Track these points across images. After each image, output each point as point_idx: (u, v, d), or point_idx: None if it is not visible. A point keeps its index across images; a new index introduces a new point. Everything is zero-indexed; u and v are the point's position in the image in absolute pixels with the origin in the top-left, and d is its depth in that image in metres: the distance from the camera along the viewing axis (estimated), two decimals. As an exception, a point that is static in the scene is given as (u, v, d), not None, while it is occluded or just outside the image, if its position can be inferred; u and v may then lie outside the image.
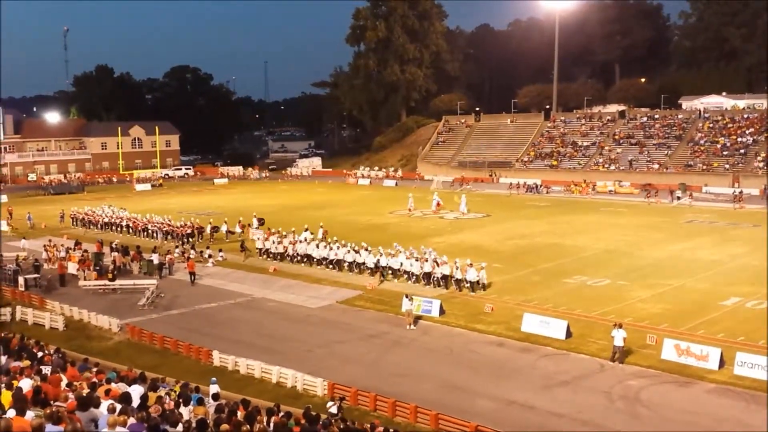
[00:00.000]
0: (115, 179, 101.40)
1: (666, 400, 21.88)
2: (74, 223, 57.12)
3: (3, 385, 12.76)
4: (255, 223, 51.41)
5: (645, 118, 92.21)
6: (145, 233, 51.00)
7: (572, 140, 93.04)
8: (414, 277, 36.07)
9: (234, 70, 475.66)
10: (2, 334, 22.75)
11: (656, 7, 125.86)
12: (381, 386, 22.74)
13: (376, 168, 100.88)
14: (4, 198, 74.79)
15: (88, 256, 40.50)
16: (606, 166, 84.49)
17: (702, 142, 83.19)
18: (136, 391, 15.04)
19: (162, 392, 16.49)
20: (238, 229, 49.74)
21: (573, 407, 21.46)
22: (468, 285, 34.25)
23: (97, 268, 39.25)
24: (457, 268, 34.83)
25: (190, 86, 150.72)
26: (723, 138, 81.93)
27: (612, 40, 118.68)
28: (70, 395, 13.02)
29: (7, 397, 11.82)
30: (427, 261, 36.18)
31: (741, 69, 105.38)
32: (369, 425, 16.82)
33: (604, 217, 58.03)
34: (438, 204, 61.44)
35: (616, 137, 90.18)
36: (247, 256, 43.20)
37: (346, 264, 39.34)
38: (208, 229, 49.53)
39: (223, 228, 50.01)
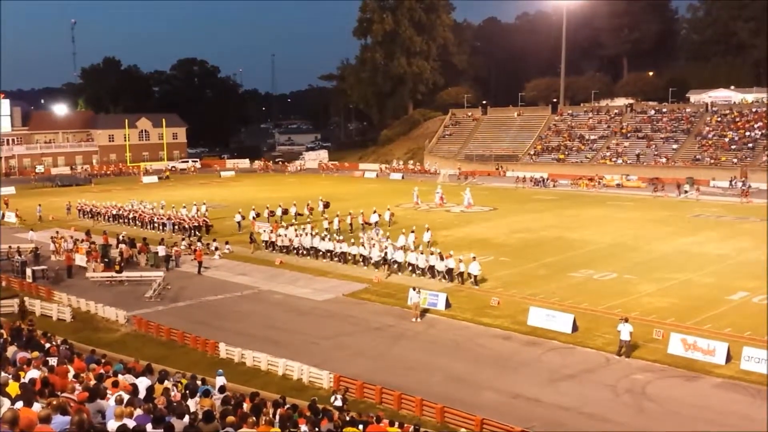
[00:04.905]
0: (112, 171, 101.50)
1: (672, 394, 21.84)
2: (81, 215, 57.35)
3: (10, 376, 12.81)
4: (321, 206, 54.24)
5: (653, 112, 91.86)
6: (153, 226, 51.09)
7: (579, 134, 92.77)
8: (419, 270, 36.06)
9: (241, 63, 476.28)
10: (11, 325, 22.85)
11: (664, 0, 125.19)
12: (387, 379, 22.78)
13: (410, 162, 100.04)
14: (12, 190, 75.12)
15: (95, 248, 40.65)
16: (613, 159, 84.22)
17: (710, 136, 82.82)
18: (143, 383, 15.10)
19: (169, 384, 16.57)
20: (306, 211, 52.79)
21: (579, 401, 21.45)
22: (471, 279, 34.21)
23: (105, 260, 39.42)
24: (460, 261, 34.84)
25: (197, 79, 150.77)
26: (731, 132, 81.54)
27: (620, 33, 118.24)
28: (77, 386, 13.07)
29: (14, 388, 11.87)
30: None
31: (749, 63, 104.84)
32: (374, 416, 16.84)
33: (610, 210, 57.91)
34: (441, 198, 61.46)
35: (624, 131, 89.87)
36: (255, 249, 43.30)
37: (351, 257, 39.43)
38: (238, 218, 50.35)
39: (248, 216, 51.13)
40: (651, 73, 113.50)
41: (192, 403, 14.62)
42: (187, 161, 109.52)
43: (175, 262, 40.15)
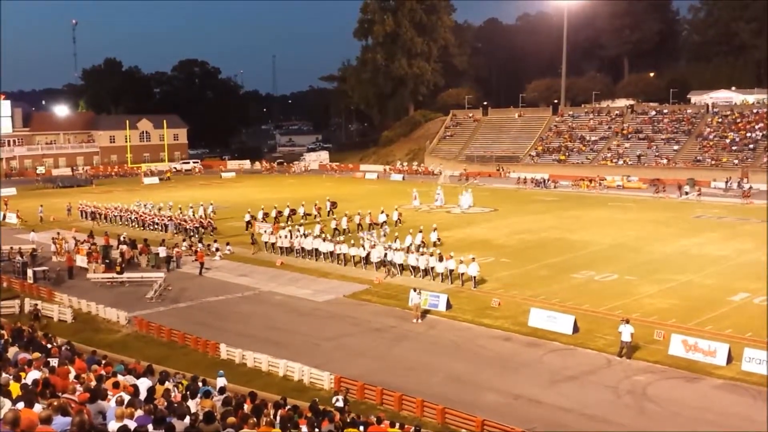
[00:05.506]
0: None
1: (673, 395, 21.82)
2: (82, 216, 57.39)
3: (11, 377, 12.82)
4: (328, 206, 55.26)
5: (653, 113, 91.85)
6: (154, 226, 51.09)
7: (580, 135, 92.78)
8: (421, 271, 36.04)
9: (241, 64, 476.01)
10: (12, 326, 22.86)
11: (665, 1, 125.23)
12: (387, 380, 22.77)
13: (414, 163, 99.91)
14: (13, 191, 75.13)
15: (96, 249, 40.65)
16: (614, 160, 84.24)
17: (711, 137, 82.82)
18: (144, 384, 15.10)
19: (170, 385, 16.57)
20: (314, 211, 53.69)
21: (580, 402, 21.44)
22: (471, 280, 34.18)
23: (106, 261, 39.43)
24: (461, 263, 34.85)
25: (198, 80, 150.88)
26: (732, 133, 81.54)
27: (621, 34, 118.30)
28: (78, 387, 13.08)
29: (15, 388, 11.89)
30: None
31: (750, 64, 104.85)
32: (375, 418, 16.84)
33: (611, 212, 57.89)
34: (440, 199, 61.43)
35: (625, 132, 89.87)
36: (257, 250, 43.31)
37: (351, 258, 39.43)
38: (260, 215, 51.13)
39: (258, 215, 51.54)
40: (652, 74, 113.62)
41: (193, 404, 14.62)
42: (189, 162, 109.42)
43: (176, 263, 40.16)
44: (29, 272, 37.89)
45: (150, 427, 10.86)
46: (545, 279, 35.75)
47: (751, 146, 78.03)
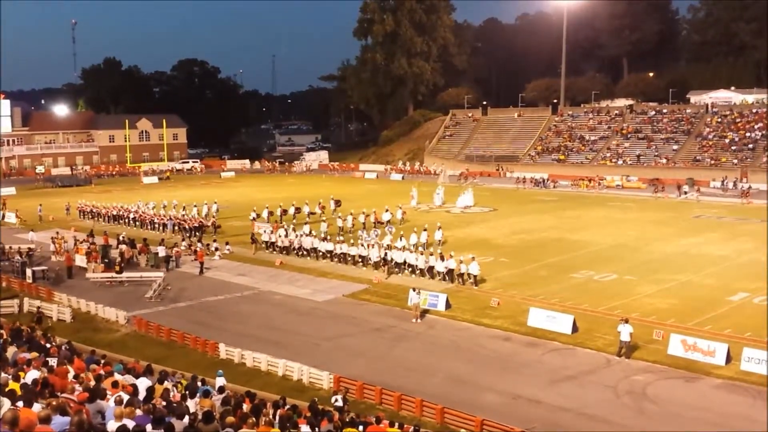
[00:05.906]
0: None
1: (672, 395, 21.83)
2: (81, 215, 57.36)
3: (10, 377, 12.81)
4: (332, 204, 55.25)
5: (653, 113, 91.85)
6: (153, 226, 51.09)
7: (580, 134, 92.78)
8: (419, 270, 36.02)
9: (241, 63, 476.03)
10: (11, 325, 22.84)
11: (665, 1, 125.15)
12: (387, 380, 22.76)
13: (416, 163, 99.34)
14: (13, 190, 75.07)
15: (96, 249, 40.63)
16: (613, 160, 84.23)
17: (710, 136, 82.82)
18: (143, 384, 15.09)
19: (169, 384, 16.56)
20: (318, 210, 53.73)
21: (579, 402, 21.44)
22: (471, 279, 34.20)
23: (105, 260, 39.41)
24: (461, 262, 34.85)
25: (198, 79, 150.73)
26: (731, 133, 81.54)
27: (620, 34, 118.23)
28: (77, 387, 13.06)
29: (14, 388, 11.86)
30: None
31: (750, 64, 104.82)
32: (374, 418, 16.84)
33: (611, 211, 57.89)
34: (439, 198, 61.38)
35: (624, 132, 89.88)
36: (257, 249, 43.31)
37: (351, 257, 39.42)
38: (264, 213, 51.46)
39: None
40: (651, 74, 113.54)
41: (192, 404, 14.62)
42: (188, 161, 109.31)
43: (175, 263, 40.15)
44: (28, 272, 37.86)
45: (149, 426, 10.85)
46: (545, 279, 35.75)
47: (751, 146, 78.04)
